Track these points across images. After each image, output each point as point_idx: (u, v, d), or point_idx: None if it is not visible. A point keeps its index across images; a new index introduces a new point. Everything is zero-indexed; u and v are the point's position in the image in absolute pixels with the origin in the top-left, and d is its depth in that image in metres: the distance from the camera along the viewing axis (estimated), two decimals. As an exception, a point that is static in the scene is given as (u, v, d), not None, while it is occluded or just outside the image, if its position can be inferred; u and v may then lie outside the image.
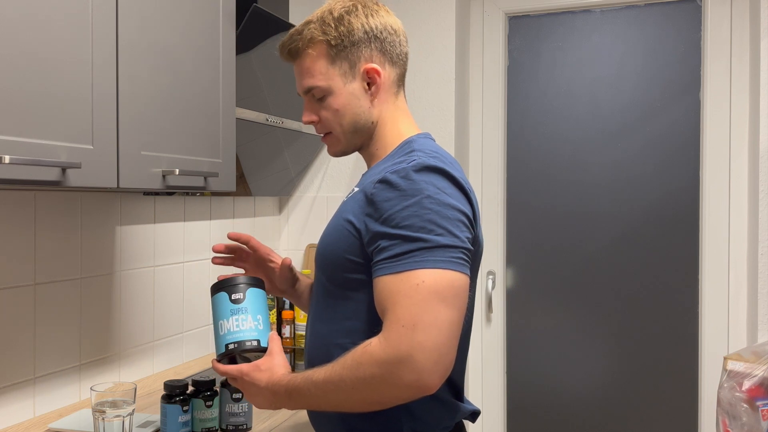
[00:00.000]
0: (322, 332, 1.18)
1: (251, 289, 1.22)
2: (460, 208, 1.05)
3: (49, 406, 1.63)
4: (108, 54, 1.28)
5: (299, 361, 2.02)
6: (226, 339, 1.18)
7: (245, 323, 1.18)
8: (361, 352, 1.01)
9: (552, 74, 2.52)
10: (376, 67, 1.19)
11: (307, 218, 2.63)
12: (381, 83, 1.20)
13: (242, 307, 1.19)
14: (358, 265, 1.10)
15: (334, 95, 1.19)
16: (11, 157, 1.06)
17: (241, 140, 1.86)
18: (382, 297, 1.02)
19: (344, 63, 1.19)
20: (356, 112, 1.20)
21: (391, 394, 1.00)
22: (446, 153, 1.17)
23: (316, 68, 1.19)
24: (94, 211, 1.76)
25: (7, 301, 1.52)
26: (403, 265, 1.00)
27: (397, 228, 1.02)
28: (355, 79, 1.19)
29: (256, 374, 1.14)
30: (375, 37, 1.19)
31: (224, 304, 1.20)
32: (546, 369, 2.55)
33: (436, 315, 0.97)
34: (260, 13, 2.05)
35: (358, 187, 1.17)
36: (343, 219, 1.13)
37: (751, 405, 1.93)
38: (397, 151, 1.18)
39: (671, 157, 2.39)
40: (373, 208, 1.06)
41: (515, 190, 2.58)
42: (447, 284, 1.00)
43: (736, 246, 2.30)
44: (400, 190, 1.04)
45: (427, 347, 0.96)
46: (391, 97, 1.23)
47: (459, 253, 1.02)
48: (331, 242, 1.15)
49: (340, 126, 1.21)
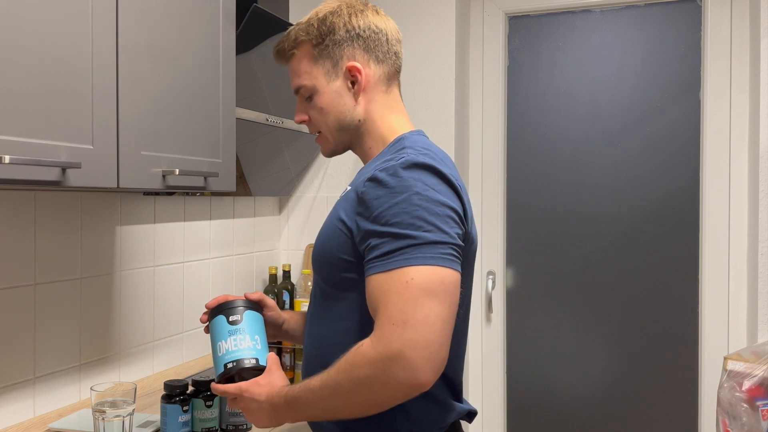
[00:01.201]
0: (318, 333, 1.18)
1: (248, 311, 1.23)
2: (449, 204, 1.05)
3: (49, 406, 1.63)
4: (108, 54, 1.28)
5: (299, 361, 2.02)
6: (224, 359, 1.18)
7: (243, 343, 1.19)
8: (354, 354, 1.01)
9: (552, 74, 2.52)
10: (358, 65, 1.20)
11: (307, 218, 2.63)
12: (365, 81, 1.21)
13: (240, 328, 1.20)
14: (351, 264, 1.10)
15: (319, 94, 1.22)
16: (11, 157, 1.06)
17: (241, 140, 1.86)
18: (373, 296, 1.03)
19: (327, 62, 1.21)
20: (340, 110, 1.22)
21: (385, 393, 1.00)
22: (438, 149, 1.17)
23: (301, 68, 1.23)
24: (94, 211, 1.76)
25: (7, 301, 1.52)
26: (393, 262, 1.01)
27: (387, 225, 1.02)
28: (338, 78, 1.21)
29: (256, 389, 1.14)
30: (357, 35, 1.20)
31: (222, 326, 1.21)
32: (546, 369, 2.55)
33: (427, 312, 0.97)
34: (260, 13, 2.05)
35: (351, 186, 1.17)
36: (335, 218, 1.13)
37: (751, 405, 1.93)
38: (388, 149, 1.18)
39: (671, 157, 2.39)
40: (364, 206, 1.07)
41: (515, 190, 2.58)
42: (437, 281, 1.00)
43: (736, 246, 2.30)
44: (389, 187, 1.04)
45: (418, 344, 0.96)
46: (379, 95, 1.23)
47: (449, 249, 1.02)
48: (324, 242, 1.15)
49: (326, 124, 1.24)
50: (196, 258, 2.16)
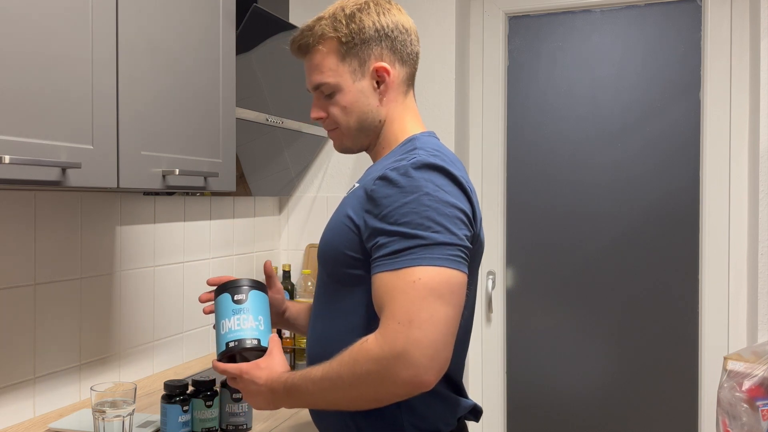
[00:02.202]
0: (323, 328, 1.18)
1: (254, 291, 1.23)
2: (459, 205, 1.05)
3: (49, 406, 1.63)
4: (108, 54, 1.28)
5: (299, 360, 2.02)
6: (227, 337, 1.19)
7: (246, 323, 1.19)
8: (358, 349, 1.01)
9: (552, 74, 2.52)
10: (386, 66, 1.19)
11: (307, 218, 2.63)
12: (390, 82, 1.20)
13: (244, 308, 1.20)
14: (357, 261, 1.10)
15: (343, 92, 1.19)
16: (11, 157, 1.06)
17: (241, 140, 1.86)
18: (379, 294, 1.03)
19: (354, 60, 1.18)
20: (364, 110, 1.20)
21: (387, 390, 1.00)
22: (449, 151, 1.17)
23: (325, 65, 1.19)
24: (94, 211, 1.76)
25: (7, 301, 1.52)
26: (400, 262, 1.01)
27: (396, 225, 1.02)
28: (364, 77, 1.19)
29: (256, 372, 1.14)
30: (386, 35, 1.19)
31: (227, 304, 1.21)
32: (546, 369, 2.55)
33: (432, 312, 0.98)
34: (260, 13, 2.05)
35: (359, 183, 1.17)
36: (343, 215, 1.13)
37: (751, 405, 1.93)
38: (399, 148, 1.18)
39: (671, 157, 2.39)
40: (373, 204, 1.06)
41: (515, 190, 2.58)
42: (443, 281, 1.00)
43: (736, 246, 2.30)
44: (400, 187, 1.04)
45: (423, 343, 0.96)
46: (400, 96, 1.22)
47: (456, 250, 1.02)
48: (331, 238, 1.15)
49: (347, 123, 1.21)
50: (196, 258, 2.16)
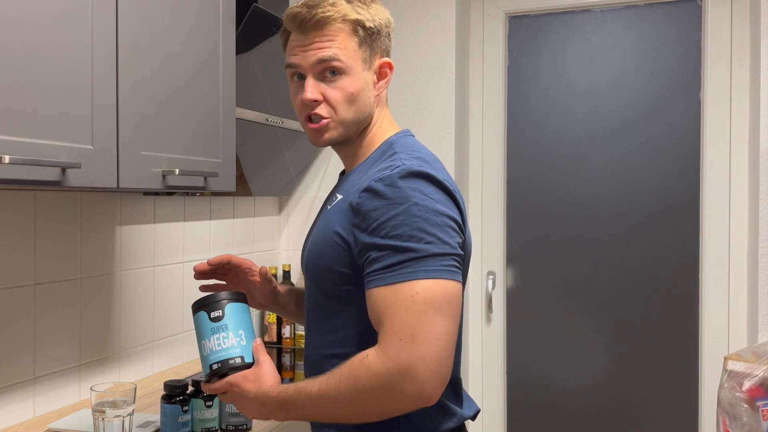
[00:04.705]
0: (316, 343, 1.17)
1: (230, 304, 1.18)
2: (448, 213, 1.04)
3: (49, 406, 1.63)
4: (108, 54, 1.28)
5: (299, 360, 2.02)
6: (209, 359, 1.16)
7: (227, 341, 1.15)
8: (358, 365, 1.00)
9: (552, 74, 2.52)
10: (392, 62, 1.19)
11: (307, 218, 2.63)
12: (389, 80, 1.20)
13: (222, 325, 1.16)
14: (348, 277, 1.09)
15: (353, 78, 1.13)
16: (11, 157, 1.06)
17: (241, 140, 1.86)
18: (376, 309, 1.01)
19: (367, 50, 1.15)
20: (365, 102, 1.16)
21: (391, 405, 1.00)
22: (427, 151, 1.15)
23: (344, 44, 1.12)
24: (94, 211, 1.76)
25: (7, 301, 1.52)
26: (395, 276, 0.99)
27: (387, 238, 1.01)
28: (370, 70, 1.17)
29: (245, 385, 1.12)
30: (388, 32, 1.19)
31: (204, 323, 1.17)
32: (546, 369, 2.55)
33: (433, 326, 0.97)
34: (260, 13, 2.05)
35: (341, 195, 1.14)
36: (330, 231, 1.11)
37: (752, 405, 1.93)
38: (378, 155, 1.16)
39: (671, 157, 2.39)
40: (360, 218, 1.05)
41: (515, 190, 2.58)
42: (441, 294, 0.99)
43: (736, 246, 2.30)
44: (387, 198, 1.02)
45: (427, 359, 0.96)
46: (383, 93, 1.22)
47: (450, 260, 1.01)
48: (320, 255, 1.13)
49: (345, 112, 1.14)
50: (196, 258, 2.16)
